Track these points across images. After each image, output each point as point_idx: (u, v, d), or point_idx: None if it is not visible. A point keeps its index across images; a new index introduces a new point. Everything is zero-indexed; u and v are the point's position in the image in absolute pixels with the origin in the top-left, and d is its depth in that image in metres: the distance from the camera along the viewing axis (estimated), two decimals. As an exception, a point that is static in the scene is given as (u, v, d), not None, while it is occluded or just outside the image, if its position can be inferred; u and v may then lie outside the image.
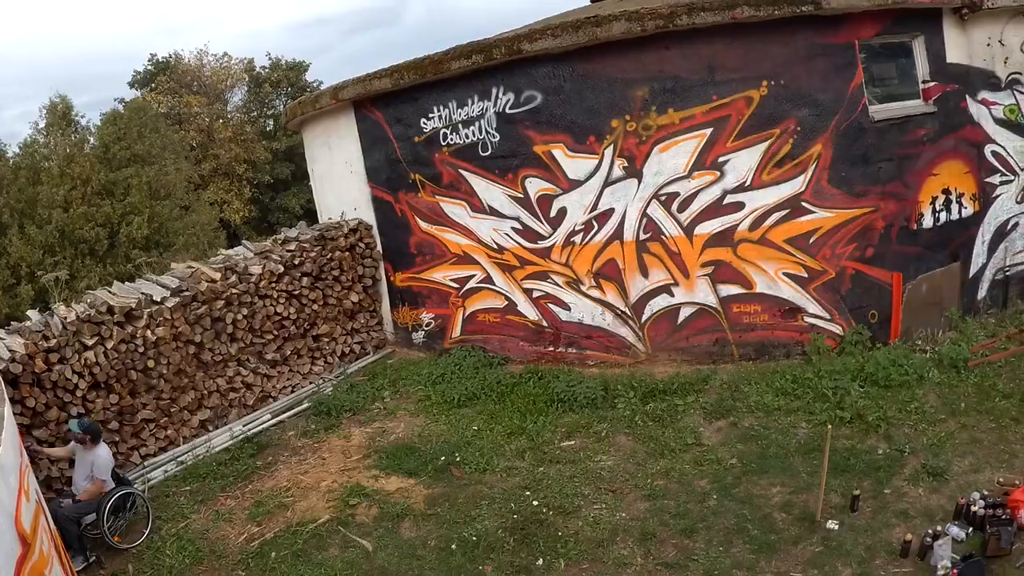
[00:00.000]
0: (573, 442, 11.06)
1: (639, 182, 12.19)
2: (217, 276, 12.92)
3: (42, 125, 37.09)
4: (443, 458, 11.11)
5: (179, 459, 12.03)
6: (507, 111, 12.89)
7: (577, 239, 12.90)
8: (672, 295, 12.53)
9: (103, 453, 10.06)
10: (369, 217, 15.57)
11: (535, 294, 13.70)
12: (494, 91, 12.95)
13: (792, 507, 8.79)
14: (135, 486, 10.79)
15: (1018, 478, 8.41)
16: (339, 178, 16.22)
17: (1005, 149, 12.86)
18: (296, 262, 14.04)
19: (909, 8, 11.64)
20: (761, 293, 12.15)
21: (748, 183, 11.79)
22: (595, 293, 13.04)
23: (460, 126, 13.51)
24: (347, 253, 15.02)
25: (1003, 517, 7.68)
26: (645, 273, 12.58)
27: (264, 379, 13.58)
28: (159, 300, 12.09)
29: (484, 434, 11.63)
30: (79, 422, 10.00)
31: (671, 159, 11.96)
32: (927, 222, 12.21)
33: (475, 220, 13.89)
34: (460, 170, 13.73)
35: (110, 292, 12.52)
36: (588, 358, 13.34)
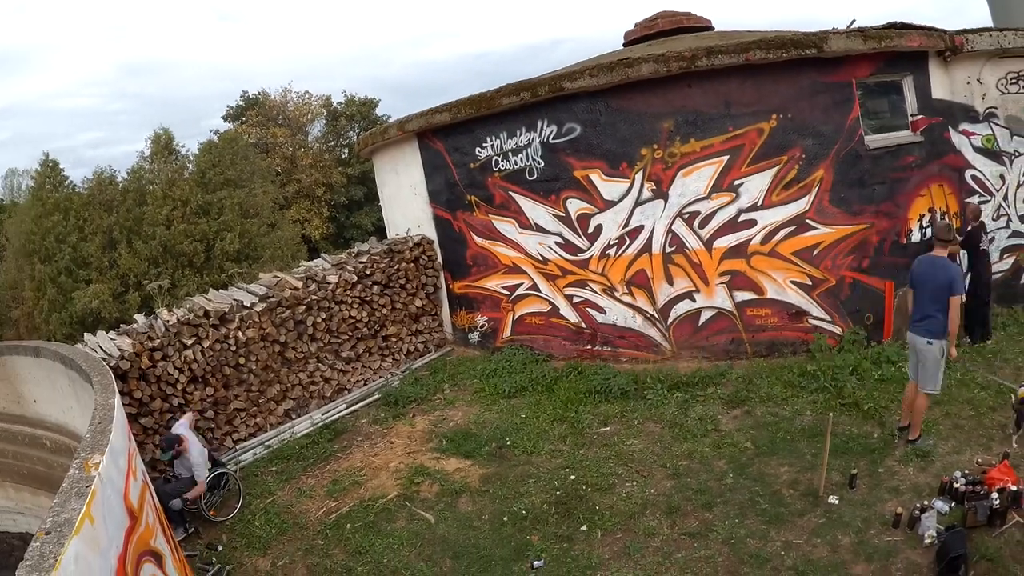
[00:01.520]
0: (608, 428, 11.10)
1: (665, 202, 12.24)
2: (299, 284, 13.03)
3: (147, 154, 37.47)
4: (495, 442, 11.17)
5: (266, 443, 12.25)
6: (550, 141, 12.95)
7: (611, 252, 12.96)
8: (694, 300, 12.56)
9: (195, 454, 10.11)
10: (431, 233, 15.66)
11: (575, 300, 13.71)
12: (539, 123, 13.02)
13: (798, 484, 8.81)
14: (228, 467, 11.05)
15: (994, 459, 8.40)
16: (405, 199, 16.29)
17: (983, 173, 12.74)
18: (368, 272, 14.08)
19: (899, 51, 11.61)
20: (771, 298, 12.17)
21: (760, 203, 11.83)
22: (627, 299, 13.08)
23: (510, 154, 13.57)
24: (412, 264, 15.02)
25: (981, 493, 7.67)
26: (671, 281, 12.62)
27: (340, 374, 13.64)
28: (249, 305, 12.31)
29: (531, 421, 11.66)
30: (162, 447, 10.00)
31: (693, 182, 12.01)
32: (915, 237, 12.14)
33: (523, 235, 13.97)
34: (510, 192, 13.83)
35: (206, 298, 12.75)
36: (621, 355, 13.36)
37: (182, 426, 10.30)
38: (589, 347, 13.69)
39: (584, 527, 8.78)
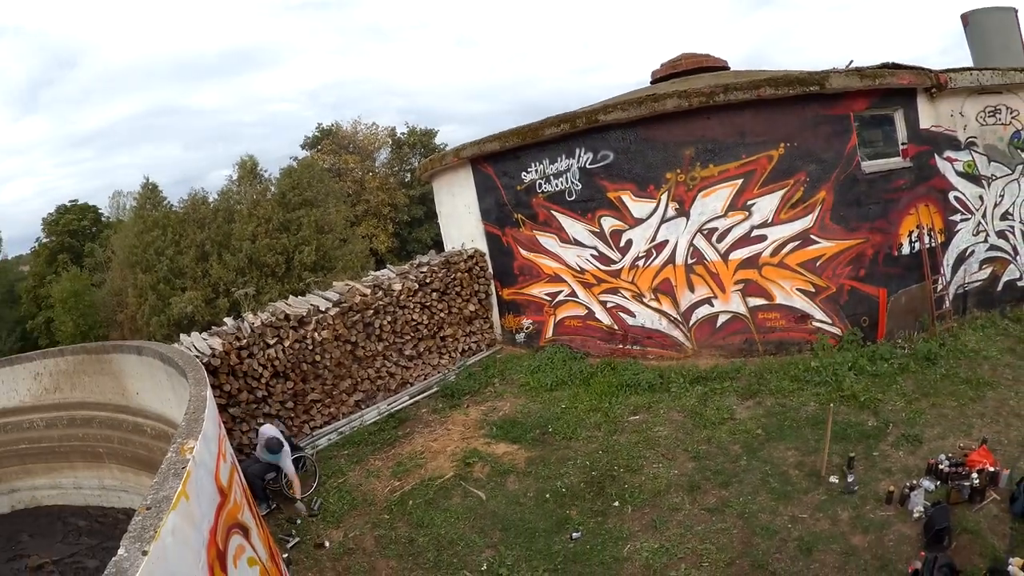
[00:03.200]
0: (638, 417, 11.19)
1: (687, 220, 12.42)
2: (368, 291, 13.16)
3: (235, 178, 37.91)
4: (539, 429, 11.29)
5: (339, 430, 12.42)
6: (587, 166, 13.11)
7: (640, 263, 13.11)
8: (712, 305, 12.68)
9: (285, 453, 10.05)
10: (483, 246, 15.81)
11: (608, 305, 13.83)
12: (577, 151, 13.19)
13: (803, 466, 8.95)
14: (306, 451, 11.23)
15: (974, 444, 8.53)
16: (460, 217, 16.48)
17: (964, 195, 12.68)
18: (428, 281, 14.21)
19: (892, 88, 11.67)
20: (780, 304, 12.25)
21: (770, 221, 11.96)
22: (654, 304, 13.19)
23: (551, 177, 13.72)
24: (466, 274, 15.12)
25: (963, 473, 7.87)
26: (692, 289, 12.75)
27: (403, 369, 13.70)
28: (324, 310, 12.45)
29: (570, 411, 11.75)
30: (271, 448, 9.88)
31: (711, 202, 12.19)
32: (905, 250, 12.18)
33: (563, 249, 14.15)
34: (551, 211, 14.03)
35: (287, 304, 12.86)
36: (649, 354, 13.44)
37: (273, 429, 10.37)
38: (621, 346, 13.76)
39: (616, 503, 8.96)
